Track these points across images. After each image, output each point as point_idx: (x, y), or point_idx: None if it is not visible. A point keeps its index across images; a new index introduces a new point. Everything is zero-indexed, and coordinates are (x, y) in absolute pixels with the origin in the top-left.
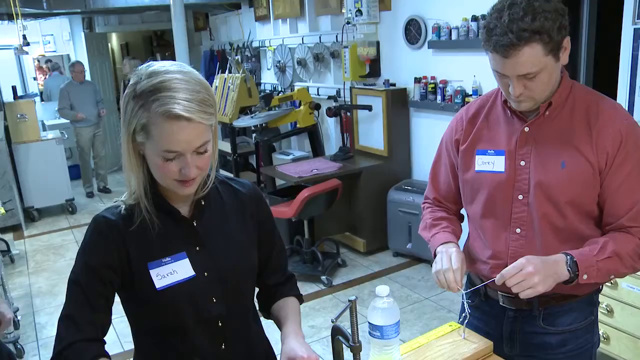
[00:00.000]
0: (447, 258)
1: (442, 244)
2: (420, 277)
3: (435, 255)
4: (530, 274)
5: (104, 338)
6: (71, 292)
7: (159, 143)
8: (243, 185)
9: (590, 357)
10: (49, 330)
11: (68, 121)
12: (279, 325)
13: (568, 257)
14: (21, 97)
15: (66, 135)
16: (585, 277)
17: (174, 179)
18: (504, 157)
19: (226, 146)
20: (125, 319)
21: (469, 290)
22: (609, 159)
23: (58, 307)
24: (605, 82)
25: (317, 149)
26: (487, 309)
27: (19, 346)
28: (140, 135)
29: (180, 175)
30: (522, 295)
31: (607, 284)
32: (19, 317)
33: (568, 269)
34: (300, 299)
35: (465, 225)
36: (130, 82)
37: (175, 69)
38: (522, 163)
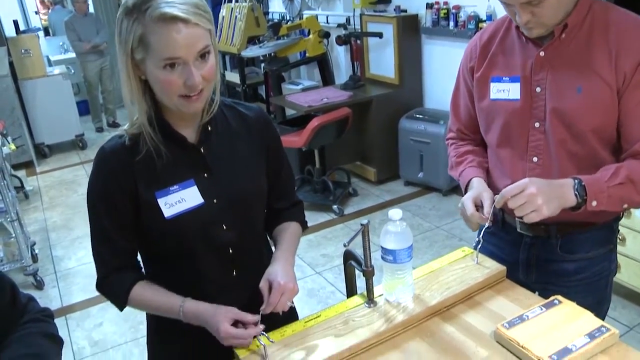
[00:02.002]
0: (471, 201)
1: (469, 181)
2: (431, 206)
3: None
4: (533, 195)
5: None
6: (92, 226)
7: (159, 51)
8: (250, 109)
9: (607, 285)
10: (66, 262)
11: (74, 56)
12: (275, 248)
13: (576, 181)
14: (24, 32)
15: (72, 71)
16: (594, 203)
17: (179, 94)
18: (519, 84)
19: (235, 77)
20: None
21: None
22: (626, 79)
23: (73, 241)
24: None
25: (327, 78)
26: (504, 235)
27: (38, 278)
28: (138, 51)
29: (186, 87)
30: (526, 220)
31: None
32: (36, 251)
33: (575, 193)
34: (304, 225)
35: None
36: (122, 2)
37: None
38: (538, 89)
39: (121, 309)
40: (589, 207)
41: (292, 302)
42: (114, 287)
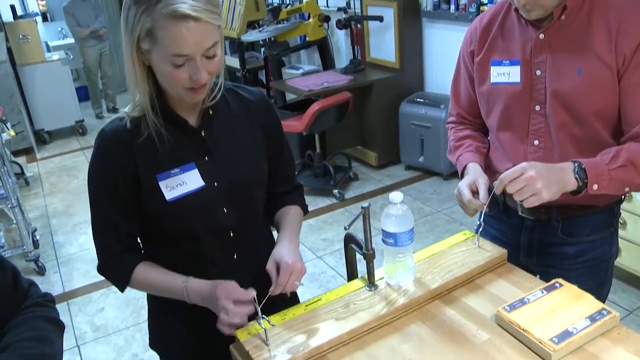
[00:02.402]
0: (467, 187)
1: (464, 167)
2: (432, 190)
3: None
4: (532, 179)
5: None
6: (92, 209)
7: (167, 47)
8: (251, 93)
9: (608, 268)
10: (67, 248)
11: (73, 41)
12: (278, 232)
13: (576, 164)
14: (21, 17)
15: (71, 56)
16: (595, 187)
17: (184, 86)
18: (519, 67)
19: (235, 62)
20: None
21: (486, 203)
22: (626, 61)
23: (75, 227)
24: None
25: (327, 62)
26: (505, 218)
27: (40, 264)
28: (145, 42)
29: (191, 82)
30: (526, 204)
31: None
32: (37, 237)
33: (576, 177)
34: (305, 209)
35: None
36: None
37: None
38: (538, 72)
39: (122, 290)
40: (590, 190)
41: (301, 282)
42: (115, 269)
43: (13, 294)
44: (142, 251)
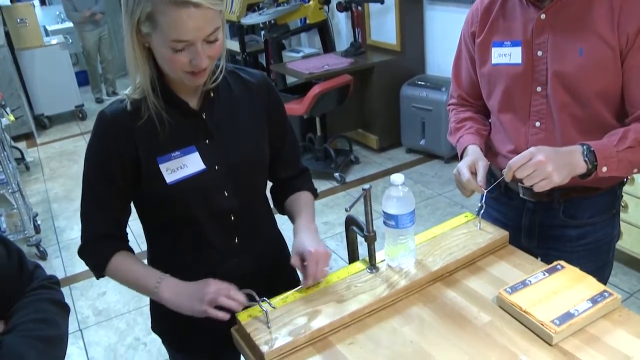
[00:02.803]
0: (466, 168)
1: (465, 148)
2: (433, 174)
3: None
4: (541, 163)
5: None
6: (84, 190)
7: (167, 33)
8: (252, 75)
9: (609, 250)
10: (69, 233)
11: (71, 25)
12: (292, 220)
13: (584, 147)
14: (18, 0)
15: (70, 40)
16: (604, 169)
17: (184, 70)
18: (520, 48)
19: (235, 45)
20: (139, 219)
21: (488, 189)
22: (629, 41)
23: (76, 211)
24: None
25: (328, 45)
26: (506, 201)
27: (41, 249)
28: (145, 26)
29: (191, 66)
30: (536, 188)
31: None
32: (38, 222)
33: (585, 160)
34: (315, 193)
35: None
36: None
37: None
38: (540, 53)
39: (98, 277)
40: (599, 173)
41: (330, 267)
42: (94, 254)
43: (18, 276)
44: (128, 241)
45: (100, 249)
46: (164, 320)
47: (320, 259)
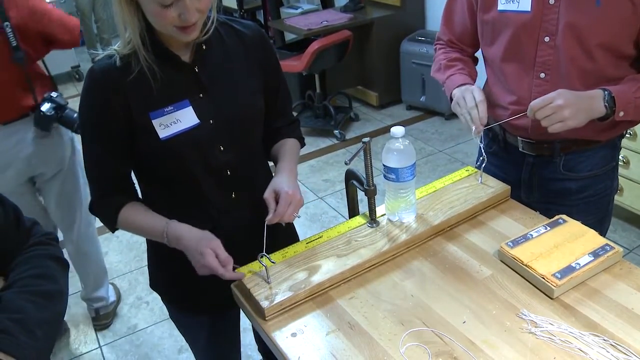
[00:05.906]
0: (470, 96)
1: (459, 86)
2: (434, 130)
3: (451, 98)
4: (560, 107)
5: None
6: (84, 148)
7: None
8: (246, 27)
9: (609, 203)
10: None
11: None
12: (275, 163)
13: (606, 92)
14: None
15: None
16: (621, 114)
17: (174, 25)
18: None
19: (232, 2)
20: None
21: (488, 126)
22: None
23: None
24: None
25: (327, 1)
26: (506, 155)
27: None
28: None
29: (180, 20)
30: (550, 130)
31: (626, 135)
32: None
33: (605, 105)
34: (302, 141)
35: (480, 68)
36: None
37: None
38: (552, 1)
39: (112, 231)
40: (616, 117)
41: (298, 215)
42: (105, 209)
43: (16, 232)
44: (136, 192)
45: (107, 204)
46: (162, 278)
47: (293, 202)
